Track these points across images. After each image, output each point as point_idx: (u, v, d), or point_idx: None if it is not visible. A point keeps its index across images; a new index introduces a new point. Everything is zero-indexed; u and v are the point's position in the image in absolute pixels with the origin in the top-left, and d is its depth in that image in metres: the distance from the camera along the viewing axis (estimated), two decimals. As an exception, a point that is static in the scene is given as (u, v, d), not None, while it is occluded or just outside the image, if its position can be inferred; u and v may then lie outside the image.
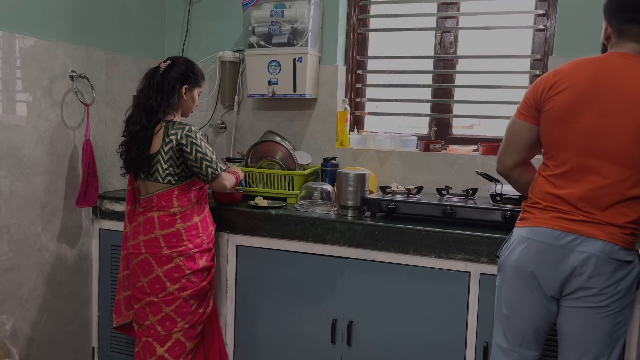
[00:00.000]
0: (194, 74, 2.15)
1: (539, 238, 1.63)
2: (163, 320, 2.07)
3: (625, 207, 1.57)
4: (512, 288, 1.69)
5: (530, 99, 1.69)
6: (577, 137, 1.59)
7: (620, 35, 1.63)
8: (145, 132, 2.04)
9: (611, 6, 1.67)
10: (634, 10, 1.60)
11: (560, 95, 1.60)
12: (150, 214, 2.08)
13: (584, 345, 1.62)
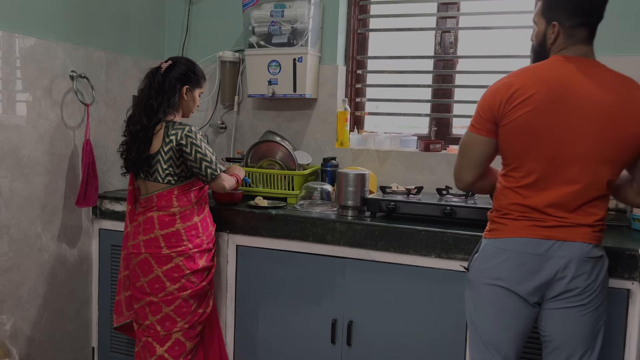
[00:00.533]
0: (195, 74, 2.15)
1: (517, 249, 1.60)
2: (163, 320, 2.07)
3: (592, 207, 1.59)
4: (493, 303, 1.65)
5: (487, 112, 1.61)
6: (543, 147, 1.56)
7: (570, 37, 1.61)
8: (145, 132, 2.04)
9: (560, 7, 1.61)
10: (586, 14, 1.59)
11: (521, 106, 1.55)
12: (150, 214, 2.08)
13: (571, 344, 1.63)
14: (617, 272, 1.83)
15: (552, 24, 1.61)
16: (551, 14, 1.61)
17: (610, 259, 1.81)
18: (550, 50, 1.64)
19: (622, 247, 1.84)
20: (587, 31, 1.60)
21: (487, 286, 1.65)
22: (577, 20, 1.58)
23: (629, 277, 1.82)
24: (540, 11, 1.66)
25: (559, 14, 1.60)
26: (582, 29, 1.59)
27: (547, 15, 1.62)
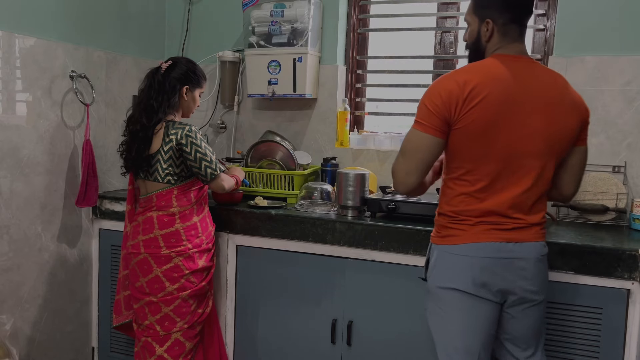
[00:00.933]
0: (195, 74, 2.15)
1: (478, 254, 1.59)
2: (162, 320, 2.07)
3: (540, 204, 1.64)
4: (460, 309, 1.62)
5: (440, 110, 1.53)
6: (499, 148, 1.55)
7: (505, 35, 1.61)
8: (145, 132, 2.04)
9: (491, 4, 1.61)
10: (516, 9, 1.60)
11: (478, 107, 1.51)
12: (150, 214, 2.08)
13: (530, 339, 1.68)
14: (617, 272, 1.83)
15: (485, 22, 1.61)
16: (483, 11, 1.62)
17: (610, 259, 1.84)
18: (486, 48, 1.64)
19: (622, 247, 1.85)
20: (518, 28, 1.61)
21: (451, 293, 1.61)
22: (508, 15, 1.59)
23: (629, 277, 1.83)
24: (471, 10, 1.65)
25: (491, 10, 1.60)
26: (513, 25, 1.60)
27: (479, 13, 1.63)
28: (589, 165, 2.32)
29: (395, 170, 1.62)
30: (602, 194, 2.28)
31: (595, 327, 1.88)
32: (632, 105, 2.31)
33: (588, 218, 2.30)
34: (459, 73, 1.57)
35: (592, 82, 2.35)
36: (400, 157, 1.61)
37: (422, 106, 1.57)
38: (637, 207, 2.18)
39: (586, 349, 1.90)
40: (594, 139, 2.36)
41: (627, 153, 2.32)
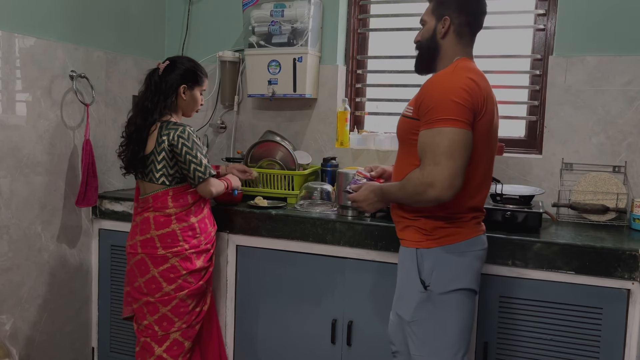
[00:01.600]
0: (193, 73, 2.13)
1: (475, 247, 1.67)
2: (160, 320, 2.07)
3: None
4: (462, 307, 1.64)
5: (472, 105, 1.53)
6: (491, 147, 1.69)
7: (459, 37, 1.68)
8: (139, 133, 2.04)
9: (450, 4, 1.67)
10: (472, 15, 1.68)
11: (489, 108, 1.60)
12: (147, 214, 2.08)
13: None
14: (617, 272, 1.83)
15: (443, 19, 1.67)
16: (442, 10, 1.68)
17: (610, 259, 1.84)
18: (440, 46, 1.69)
19: (622, 247, 1.85)
20: (470, 33, 1.70)
21: (457, 294, 1.62)
22: (464, 18, 1.66)
23: (629, 277, 1.83)
24: (430, 10, 1.72)
25: (450, 10, 1.66)
26: (467, 29, 1.68)
27: (438, 12, 1.69)
28: (589, 165, 2.34)
29: (440, 176, 1.50)
30: (602, 194, 2.28)
31: (595, 327, 1.88)
32: (632, 105, 2.31)
33: (588, 218, 2.30)
34: (466, 72, 1.59)
35: (592, 82, 2.35)
36: (445, 160, 1.49)
37: (452, 103, 1.51)
38: (637, 207, 2.18)
39: (586, 349, 1.90)
40: (594, 138, 2.36)
41: (627, 153, 2.32)
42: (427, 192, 1.52)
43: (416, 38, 1.77)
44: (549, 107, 2.43)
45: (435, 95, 1.54)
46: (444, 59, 1.69)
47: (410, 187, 1.57)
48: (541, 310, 1.94)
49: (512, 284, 1.96)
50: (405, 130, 1.68)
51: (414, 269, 1.64)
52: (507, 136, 2.62)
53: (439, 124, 1.51)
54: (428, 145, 1.53)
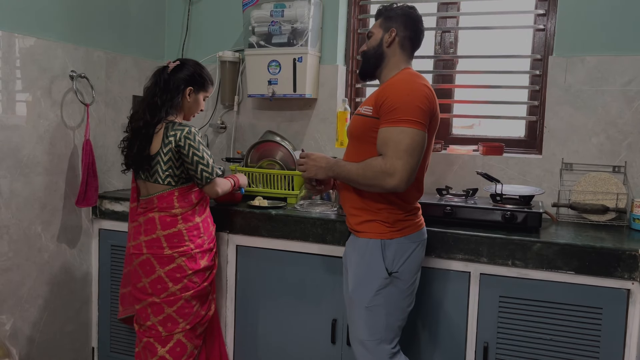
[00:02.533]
0: (201, 77, 2.14)
1: (424, 237, 1.89)
2: (164, 321, 2.07)
3: None
4: (411, 291, 1.86)
5: (430, 110, 1.73)
6: (431, 146, 1.86)
7: (402, 48, 1.86)
8: (147, 129, 2.04)
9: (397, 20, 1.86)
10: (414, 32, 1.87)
11: (437, 110, 1.80)
12: (151, 215, 2.08)
13: None
14: (617, 272, 1.83)
15: (390, 30, 1.85)
16: (389, 23, 1.87)
17: (610, 259, 1.84)
18: (385, 54, 1.85)
19: (622, 247, 1.85)
20: (411, 47, 1.88)
21: (412, 278, 1.84)
22: (408, 33, 1.86)
23: (629, 277, 1.83)
24: (378, 24, 1.90)
25: (397, 24, 1.86)
26: (409, 43, 1.87)
27: (385, 25, 1.87)
28: (589, 165, 2.34)
29: (401, 169, 1.66)
30: (602, 194, 2.28)
31: (595, 327, 1.88)
32: (632, 105, 2.31)
33: (588, 218, 2.30)
34: (422, 80, 1.78)
35: (592, 82, 2.35)
36: (406, 156, 1.67)
37: (414, 108, 1.69)
38: (637, 207, 2.18)
39: (586, 349, 1.90)
40: (594, 138, 2.36)
41: (627, 153, 2.32)
42: (386, 180, 1.68)
43: (362, 48, 1.94)
44: (549, 107, 2.43)
45: (399, 98, 1.70)
46: (388, 66, 1.87)
47: (371, 172, 1.71)
48: (541, 310, 1.94)
49: (512, 284, 1.96)
50: (362, 128, 1.81)
51: (378, 258, 1.78)
52: (507, 136, 2.62)
53: (403, 124, 1.68)
54: (392, 140, 1.68)
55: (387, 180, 1.67)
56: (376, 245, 1.78)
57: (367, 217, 1.80)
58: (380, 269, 1.77)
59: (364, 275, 1.81)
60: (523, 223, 2.04)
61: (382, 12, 1.92)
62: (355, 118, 1.86)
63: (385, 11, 1.91)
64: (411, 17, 1.89)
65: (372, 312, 1.80)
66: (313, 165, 1.83)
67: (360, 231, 1.82)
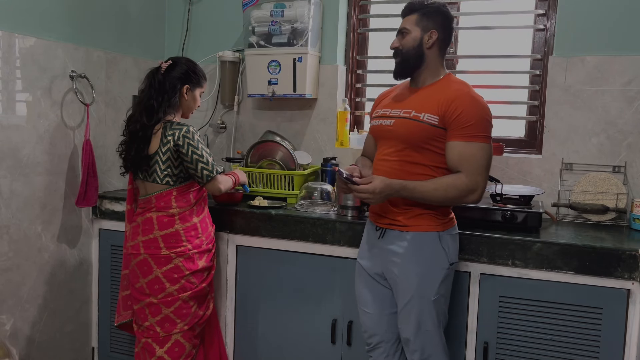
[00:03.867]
0: (195, 73, 2.14)
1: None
2: (162, 321, 2.07)
3: None
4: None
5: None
6: None
7: (440, 50, 1.85)
8: (145, 131, 2.04)
9: (437, 20, 1.82)
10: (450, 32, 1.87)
11: None
12: (149, 215, 2.08)
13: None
14: (617, 272, 1.83)
15: (430, 32, 1.81)
16: (428, 23, 1.82)
17: (610, 259, 1.84)
18: (426, 55, 1.82)
19: (622, 247, 1.85)
20: (445, 49, 1.87)
21: (454, 267, 1.89)
22: (445, 35, 1.84)
23: (629, 277, 1.83)
24: (414, 21, 1.83)
25: (436, 25, 1.82)
26: (444, 45, 1.85)
27: (423, 24, 1.82)
28: (589, 165, 2.34)
29: (482, 185, 1.76)
30: (602, 194, 2.28)
31: (595, 327, 1.88)
32: (632, 105, 2.31)
33: (588, 218, 2.30)
34: (474, 89, 1.80)
35: (592, 82, 2.35)
36: (485, 172, 1.76)
37: (487, 123, 1.76)
38: (637, 207, 2.18)
39: (586, 349, 1.90)
40: (594, 138, 2.36)
41: (627, 153, 2.32)
42: (468, 197, 1.75)
43: (394, 44, 1.88)
44: (549, 107, 2.43)
45: (475, 113, 1.73)
46: (428, 69, 1.85)
47: (455, 191, 1.73)
48: (541, 310, 1.94)
49: (512, 284, 1.96)
50: (424, 136, 1.77)
51: (438, 250, 1.80)
52: (507, 136, 2.62)
53: (480, 140, 1.73)
54: (473, 157, 1.73)
55: (470, 197, 1.75)
56: (433, 238, 1.79)
57: (419, 211, 1.79)
58: (443, 260, 1.80)
59: (427, 268, 1.80)
60: (523, 223, 2.04)
61: (417, 8, 1.84)
62: (410, 123, 1.79)
63: (421, 8, 1.84)
64: (449, 18, 1.85)
65: (437, 303, 1.81)
66: (380, 197, 1.73)
67: (411, 225, 1.80)
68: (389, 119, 1.86)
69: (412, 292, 1.80)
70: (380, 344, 1.92)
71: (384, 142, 1.89)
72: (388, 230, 1.85)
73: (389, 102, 1.94)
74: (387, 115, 1.88)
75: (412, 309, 1.81)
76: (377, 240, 1.89)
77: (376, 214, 1.90)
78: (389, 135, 1.86)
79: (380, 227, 1.88)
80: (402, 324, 1.84)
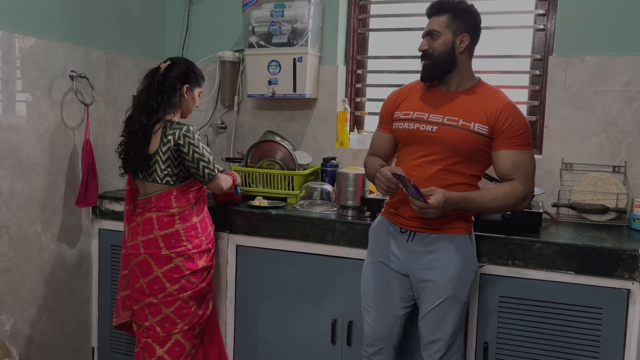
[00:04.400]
0: (194, 73, 2.15)
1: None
2: (162, 321, 2.07)
3: None
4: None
5: None
6: None
7: (470, 54, 1.83)
8: (144, 131, 2.04)
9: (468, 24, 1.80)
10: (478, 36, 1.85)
11: None
12: (149, 215, 2.08)
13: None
14: (617, 272, 1.83)
15: (462, 36, 1.78)
16: (460, 27, 1.78)
17: (610, 259, 1.84)
18: (458, 61, 1.79)
19: (622, 247, 1.85)
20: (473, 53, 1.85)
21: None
22: (476, 39, 1.83)
23: (629, 277, 1.83)
24: (444, 24, 1.78)
25: (468, 28, 1.79)
26: (473, 49, 1.83)
27: (454, 28, 1.78)
28: (589, 165, 2.34)
29: (533, 192, 1.81)
30: (602, 194, 2.28)
31: (595, 327, 1.88)
32: (632, 105, 2.31)
33: (588, 218, 2.30)
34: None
35: (592, 82, 2.35)
36: (533, 178, 1.80)
37: (530, 130, 1.79)
38: (637, 207, 2.18)
39: (586, 349, 1.90)
40: (594, 138, 2.36)
41: (627, 153, 2.32)
42: (522, 203, 1.77)
43: (423, 46, 1.83)
44: (549, 107, 2.43)
45: (523, 122, 1.77)
46: (461, 74, 1.82)
47: (513, 199, 1.75)
48: (541, 310, 1.94)
49: (512, 284, 1.96)
50: (474, 145, 1.77)
51: (471, 252, 1.83)
52: (507, 136, 2.62)
53: (529, 147, 1.78)
54: (524, 164, 1.76)
55: (523, 203, 1.78)
56: (465, 240, 1.81)
57: (454, 216, 1.79)
58: (474, 262, 1.84)
59: (462, 270, 1.80)
60: (523, 223, 2.04)
61: (447, 8, 1.77)
62: (460, 132, 1.76)
63: (451, 9, 1.77)
64: (479, 19, 1.82)
65: (464, 306, 1.84)
66: (440, 212, 1.69)
67: (446, 228, 1.79)
68: (429, 125, 1.79)
69: (448, 294, 1.79)
70: (383, 350, 1.91)
71: (419, 148, 1.82)
72: (418, 233, 1.81)
73: (420, 104, 1.86)
74: (425, 120, 1.80)
75: (447, 310, 1.80)
76: (405, 243, 1.84)
77: (401, 216, 1.85)
78: (431, 141, 1.79)
79: (406, 229, 1.84)
80: (431, 325, 1.82)
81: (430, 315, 1.81)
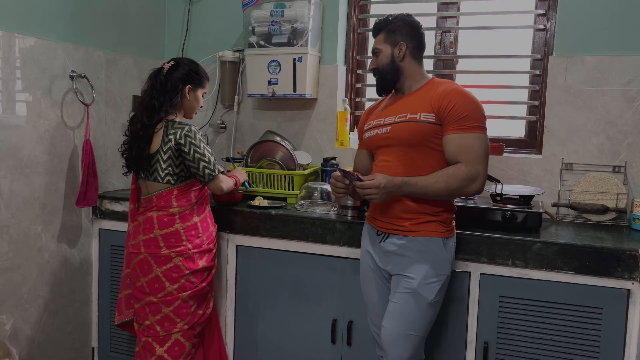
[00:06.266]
0: (197, 74, 2.15)
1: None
2: (162, 320, 2.07)
3: None
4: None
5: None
6: None
7: (415, 59, 1.90)
8: (145, 131, 2.04)
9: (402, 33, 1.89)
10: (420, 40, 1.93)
11: None
12: (150, 214, 2.08)
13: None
14: (617, 272, 1.83)
15: (399, 45, 1.88)
16: (395, 37, 1.89)
17: (610, 259, 1.84)
18: (402, 68, 1.89)
19: (622, 247, 1.85)
20: (420, 55, 1.92)
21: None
22: (415, 42, 1.90)
23: (629, 277, 1.83)
24: (382, 39, 1.91)
25: (402, 36, 1.88)
26: (417, 52, 1.91)
27: (391, 40, 1.90)
28: (589, 165, 2.34)
29: (483, 174, 1.77)
30: (602, 194, 2.28)
31: (595, 327, 1.88)
32: (632, 105, 2.31)
33: (588, 218, 2.30)
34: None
35: (592, 82, 2.35)
36: (484, 161, 1.77)
37: (481, 114, 1.79)
38: (637, 207, 2.18)
39: (586, 349, 1.90)
40: (594, 138, 2.36)
41: (627, 153, 2.32)
42: (470, 186, 1.76)
43: (371, 65, 1.95)
44: (549, 107, 2.43)
45: (468, 105, 1.77)
46: (409, 77, 1.90)
47: (456, 181, 1.74)
48: (541, 310, 1.94)
49: (512, 284, 1.96)
50: (422, 135, 1.80)
51: (443, 255, 1.83)
52: (507, 136, 2.62)
53: (476, 130, 1.76)
54: (470, 147, 1.75)
55: (472, 186, 1.76)
56: (438, 243, 1.82)
57: (426, 219, 1.81)
58: (446, 265, 1.84)
59: (429, 270, 1.81)
60: (523, 223, 2.04)
61: (382, 26, 1.93)
62: (408, 125, 1.82)
63: (385, 25, 1.92)
64: (413, 25, 1.91)
65: (432, 308, 1.84)
66: (384, 193, 1.74)
67: (417, 231, 1.82)
68: (384, 127, 1.88)
69: (412, 289, 1.80)
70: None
71: (382, 151, 1.91)
72: (391, 235, 1.86)
73: (380, 114, 1.96)
74: (381, 125, 1.90)
75: (408, 304, 1.81)
76: (379, 244, 1.90)
77: (377, 219, 1.90)
78: (387, 142, 1.87)
79: (382, 231, 1.88)
80: (390, 315, 1.84)
81: (393, 304, 1.84)
